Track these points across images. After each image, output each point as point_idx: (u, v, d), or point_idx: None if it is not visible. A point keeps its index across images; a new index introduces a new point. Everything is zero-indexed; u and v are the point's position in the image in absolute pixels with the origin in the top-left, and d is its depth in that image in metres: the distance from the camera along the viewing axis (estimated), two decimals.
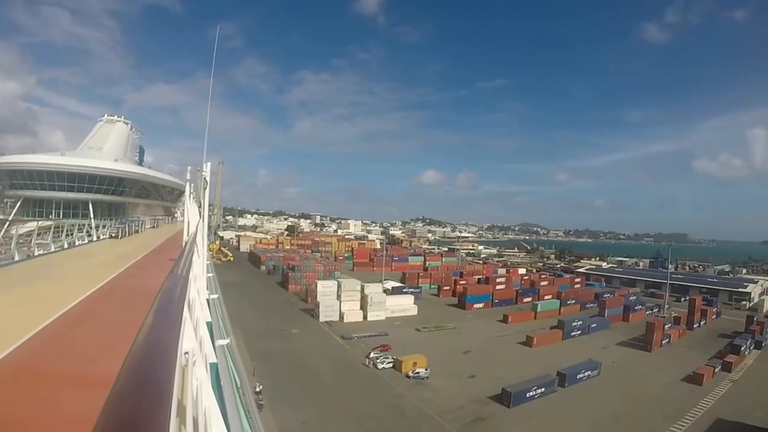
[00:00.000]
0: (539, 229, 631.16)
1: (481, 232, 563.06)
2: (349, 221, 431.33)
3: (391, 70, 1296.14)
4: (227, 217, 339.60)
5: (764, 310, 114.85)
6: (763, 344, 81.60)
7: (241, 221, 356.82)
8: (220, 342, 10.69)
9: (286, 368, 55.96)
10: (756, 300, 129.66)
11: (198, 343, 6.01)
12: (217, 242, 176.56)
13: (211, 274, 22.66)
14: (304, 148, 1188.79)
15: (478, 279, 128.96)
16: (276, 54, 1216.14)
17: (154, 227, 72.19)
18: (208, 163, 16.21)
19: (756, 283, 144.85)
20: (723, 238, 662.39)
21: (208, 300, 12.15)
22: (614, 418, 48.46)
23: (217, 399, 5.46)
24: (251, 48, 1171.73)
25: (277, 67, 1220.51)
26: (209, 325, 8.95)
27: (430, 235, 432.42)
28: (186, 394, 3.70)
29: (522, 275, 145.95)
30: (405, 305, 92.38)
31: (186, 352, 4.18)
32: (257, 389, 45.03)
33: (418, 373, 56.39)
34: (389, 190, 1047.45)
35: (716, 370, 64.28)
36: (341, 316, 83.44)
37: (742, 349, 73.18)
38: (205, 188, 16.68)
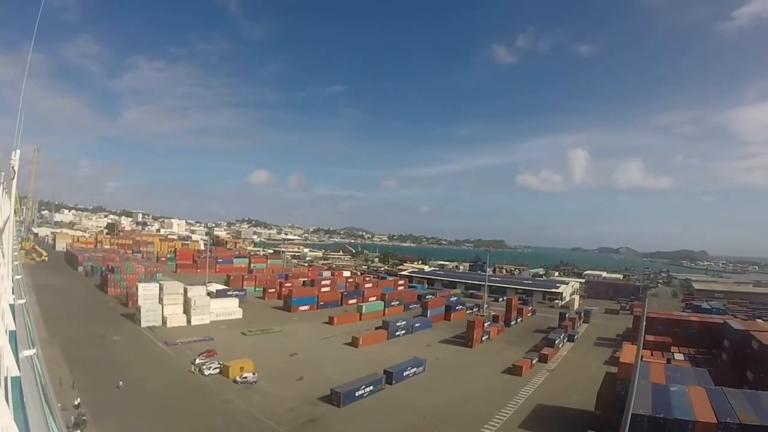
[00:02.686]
0: (364, 233, 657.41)
1: (307, 234, 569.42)
2: (172, 220, 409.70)
3: (231, 64, 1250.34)
4: (43, 212, 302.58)
5: (575, 308, 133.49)
6: (575, 337, 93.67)
7: (57, 217, 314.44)
8: (25, 353, 9.27)
9: (108, 378, 50.38)
10: (567, 299, 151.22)
11: None
12: (31, 239, 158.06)
13: (19, 276, 19.72)
14: (131, 139, 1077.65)
15: (304, 281, 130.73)
16: (111, 33, 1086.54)
17: None
18: (18, 151, 14.10)
19: (567, 284, 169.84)
20: (538, 245, 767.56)
21: (12, 305, 10.48)
22: (442, 409, 51.97)
23: (17, 418, 4.81)
24: (87, 24, 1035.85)
25: (110, 48, 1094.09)
26: (12, 334, 7.84)
27: (255, 236, 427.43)
28: None
29: (347, 278, 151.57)
30: (230, 308, 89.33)
31: None
32: (76, 403, 40.27)
33: (245, 377, 54.79)
34: (217, 189, 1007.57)
35: (534, 361, 72.42)
36: (164, 321, 77.94)
37: (557, 342, 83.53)
38: (13, 179, 14.52)
